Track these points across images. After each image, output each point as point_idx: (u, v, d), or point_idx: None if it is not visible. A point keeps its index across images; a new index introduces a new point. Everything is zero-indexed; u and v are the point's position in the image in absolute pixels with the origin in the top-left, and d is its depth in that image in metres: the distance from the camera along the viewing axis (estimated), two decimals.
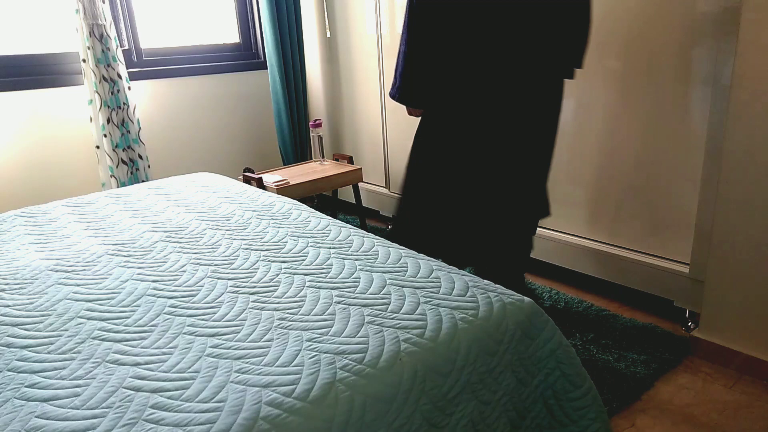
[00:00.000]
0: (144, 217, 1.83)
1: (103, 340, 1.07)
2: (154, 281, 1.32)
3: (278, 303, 1.17)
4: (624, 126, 2.02)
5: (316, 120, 3.03)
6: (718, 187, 1.67)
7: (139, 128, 2.78)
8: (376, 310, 1.12)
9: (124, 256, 1.49)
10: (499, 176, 1.77)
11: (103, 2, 2.56)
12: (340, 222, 1.69)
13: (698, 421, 1.52)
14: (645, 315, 2.06)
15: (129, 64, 2.84)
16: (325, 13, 3.24)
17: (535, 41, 1.61)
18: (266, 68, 3.29)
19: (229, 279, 1.31)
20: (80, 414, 0.86)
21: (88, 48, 2.55)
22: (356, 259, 1.38)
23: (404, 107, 1.97)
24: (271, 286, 1.26)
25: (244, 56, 3.31)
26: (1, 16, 2.54)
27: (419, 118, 1.92)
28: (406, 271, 1.30)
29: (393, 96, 1.89)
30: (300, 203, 1.92)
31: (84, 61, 2.58)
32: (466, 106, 1.75)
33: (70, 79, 2.67)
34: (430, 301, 1.14)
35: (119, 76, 2.65)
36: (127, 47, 2.83)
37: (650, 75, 1.91)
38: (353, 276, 1.28)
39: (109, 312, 1.18)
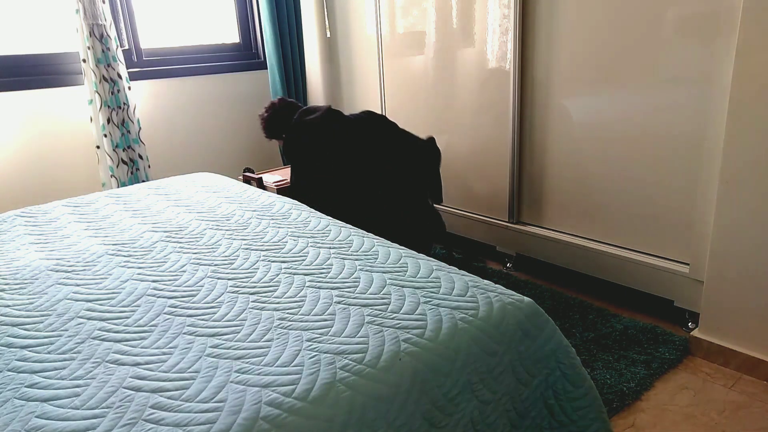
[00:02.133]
0: (144, 217, 1.83)
1: (103, 340, 1.07)
2: (154, 281, 1.32)
3: (278, 303, 1.17)
4: (624, 126, 2.02)
5: None
6: (718, 187, 1.67)
7: (139, 128, 2.78)
8: (376, 310, 1.12)
9: (124, 256, 1.49)
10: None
11: (103, 2, 2.56)
12: (340, 222, 1.69)
13: (698, 421, 1.52)
14: (645, 315, 2.06)
15: (129, 64, 2.84)
16: (325, 13, 3.24)
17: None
18: (266, 68, 3.29)
19: (229, 279, 1.31)
20: (80, 414, 0.86)
21: (88, 48, 2.55)
22: (356, 259, 1.38)
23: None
24: (271, 286, 1.26)
25: (244, 56, 3.31)
26: (1, 16, 2.54)
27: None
28: (406, 271, 1.30)
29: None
30: (300, 203, 1.92)
31: (84, 61, 2.57)
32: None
33: (70, 79, 2.67)
34: (430, 301, 1.14)
35: (119, 76, 2.65)
36: (127, 47, 2.83)
37: (650, 75, 1.91)
38: (353, 276, 1.28)
39: (109, 312, 1.18)
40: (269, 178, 2.71)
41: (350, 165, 2.15)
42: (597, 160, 2.14)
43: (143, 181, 2.79)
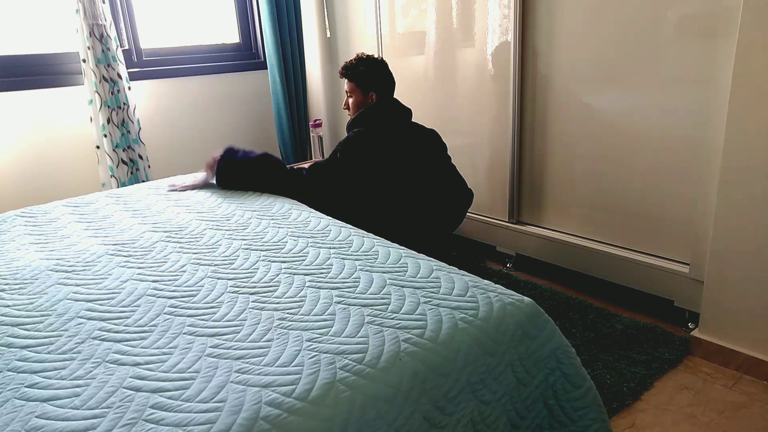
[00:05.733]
0: (144, 217, 1.83)
1: (103, 340, 1.07)
2: (154, 281, 1.32)
3: (278, 303, 1.17)
4: (624, 126, 2.02)
5: (316, 120, 3.03)
6: (718, 187, 1.67)
7: (139, 128, 2.78)
8: (376, 310, 1.12)
9: (124, 256, 1.49)
10: None
11: (103, 2, 2.56)
12: (340, 222, 1.69)
13: (698, 421, 1.52)
14: (645, 315, 2.06)
15: (129, 64, 2.84)
16: (325, 13, 3.24)
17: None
18: (266, 68, 3.29)
19: (229, 279, 1.31)
20: (80, 414, 0.86)
21: (88, 48, 2.55)
22: (356, 259, 1.38)
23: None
24: (271, 286, 1.26)
25: (244, 56, 3.31)
26: (1, 16, 2.54)
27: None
28: (406, 271, 1.30)
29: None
30: (300, 203, 1.92)
31: (84, 61, 2.57)
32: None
33: (70, 79, 2.67)
34: (430, 301, 1.14)
35: (119, 76, 2.65)
36: (127, 47, 2.82)
37: (650, 75, 1.91)
38: (353, 276, 1.28)
39: (109, 312, 1.18)
40: None
41: (398, 179, 2.02)
42: (597, 160, 2.14)
43: (143, 182, 2.79)
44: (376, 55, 2.18)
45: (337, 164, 2.01)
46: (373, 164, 2.00)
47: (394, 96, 2.18)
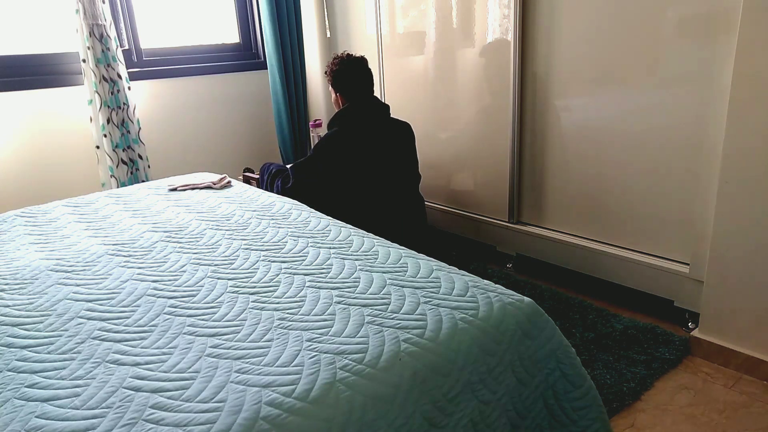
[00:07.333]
0: (144, 217, 1.83)
1: (103, 340, 1.07)
2: (154, 281, 1.32)
3: (278, 303, 1.17)
4: (624, 125, 2.02)
5: (316, 120, 3.03)
6: (718, 187, 1.67)
7: (139, 128, 2.78)
8: (376, 310, 1.12)
9: (124, 256, 1.49)
10: None
11: (103, 2, 2.56)
12: (340, 222, 1.69)
13: (698, 421, 1.52)
14: (645, 315, 2.06)
15: (129, 64, 2.84)
16: (325, 13, 3.24)
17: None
18: (266, 68, 3.29)
19: (229, 279, 1.31)
20: (80, 414, 0.86)
21: (88, 48, 2.55)
22: (356, 259, 1.38)
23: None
24: (271, 286, 1.26)
25: (244, 56, 3.31)
26: (1, 16, 2.54)
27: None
28: (406, 271, 1.30)
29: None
30: (300, 203, 1.92)
31: (84, 61, 2.57)
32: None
33: (70, 79, 2.67)
34: (430, 301, 1.14)
35: (119, 76, 2.65)
36: (127, 47, 2.82)
37: (650, 74, 1.91)
38: (353, 276, 1.28)
39: (109, 312, 1.18)
40: None
41: (377, 174, 2.18)
42: (597, 160, 2.14)
43: (143, 181, 2.79)
44: (355, 54, 2.28)
45: (310, 167, 2.20)
46: (344, 164, 2.15)
47: (374, 93, 2.29)
